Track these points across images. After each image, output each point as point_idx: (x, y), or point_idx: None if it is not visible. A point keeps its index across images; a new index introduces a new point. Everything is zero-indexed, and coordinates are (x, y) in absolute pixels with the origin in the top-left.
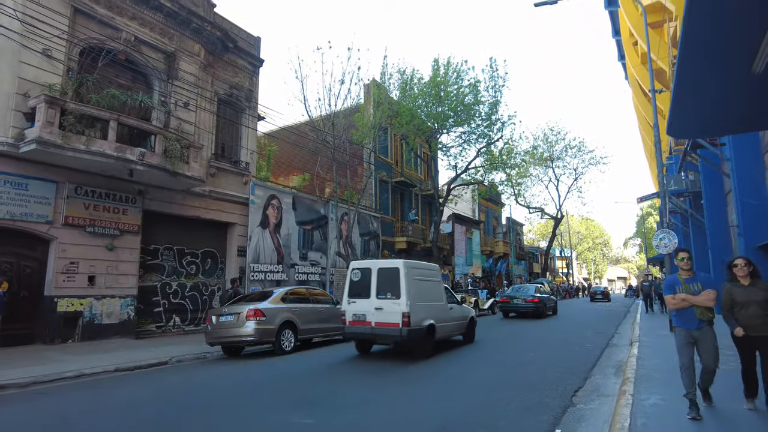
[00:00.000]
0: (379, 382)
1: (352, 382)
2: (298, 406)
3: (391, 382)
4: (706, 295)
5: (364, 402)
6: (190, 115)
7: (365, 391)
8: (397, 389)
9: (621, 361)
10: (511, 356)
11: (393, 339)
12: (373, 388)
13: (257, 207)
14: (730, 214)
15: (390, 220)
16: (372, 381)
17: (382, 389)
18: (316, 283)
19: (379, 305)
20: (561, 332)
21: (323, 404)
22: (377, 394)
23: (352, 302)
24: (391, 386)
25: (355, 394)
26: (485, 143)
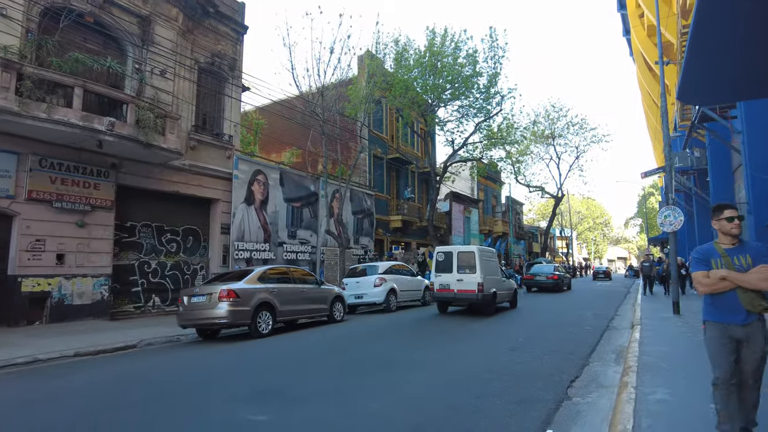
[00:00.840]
0: (357, 371)
1: (316, 372)
2: (253, 399)
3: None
4: (760, 272)
5: (323, 394)
6: (167, 84)
7: (333, 382)
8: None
9: (622, 346)
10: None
11: (470, 301)
12: (353, 374)
13: (241, 182)
14: (738, 192)
15: (385, 198)
16: (348, 369)
17: (362, 378)
18: (306, 262)
19: (460, 278)
20: (562, 310)
21: (278, 397)
22: (350, 382)
23: (438, 276)
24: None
25: (317, 386)
26: (483, 117)
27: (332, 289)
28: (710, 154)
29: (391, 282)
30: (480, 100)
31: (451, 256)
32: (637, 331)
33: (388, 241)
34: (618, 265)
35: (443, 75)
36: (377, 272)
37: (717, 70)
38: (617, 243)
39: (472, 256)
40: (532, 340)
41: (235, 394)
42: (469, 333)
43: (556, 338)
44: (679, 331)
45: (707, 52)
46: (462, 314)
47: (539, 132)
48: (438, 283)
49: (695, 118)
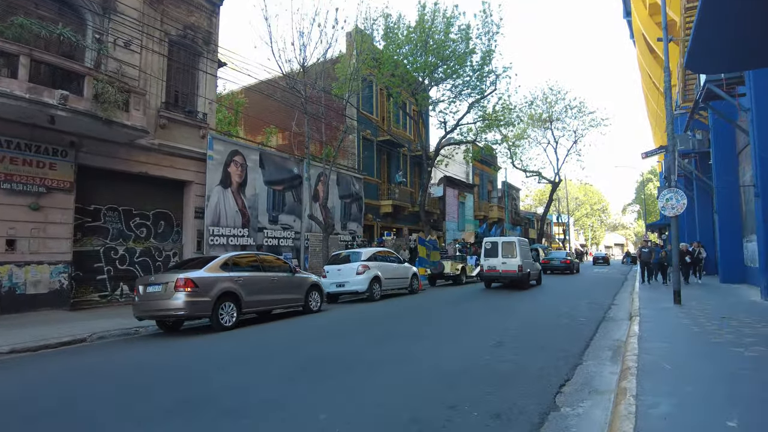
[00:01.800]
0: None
1: (268, 375)
2: (177, 411)
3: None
4: None
5: (266, 403)
6: (133, 58)
7: (283, 386)
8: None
9: (619, 340)
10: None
11: (511, 278)
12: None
13: (217, 163)
14: (743, 175)
15: (375, 181)
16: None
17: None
18: (289, 248)
19: (504, 261)
20: (554, 300)
21: (211, 406)
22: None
23: (486, 260)
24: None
25: (263, 392)
26: (477, 97)
27: (307, 278)
28: (713, 136)
29: (374, 269)
30: (473, 79)
31: (497, 245)
32: (635, 323)
33: (378, 227)
34: (615, 252)
35: (435, 52)
36: (360, 259)
37: (729, 33)
38: (615, 229)
39: (513, 244)
40: (522, 332)
41: (159, 404)
42: (455, 324)
43: (548, 331)
44: (682, 323)
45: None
46: (451, 302)
47: (537, 115)
48: (486, 265)
49: (699, 96)
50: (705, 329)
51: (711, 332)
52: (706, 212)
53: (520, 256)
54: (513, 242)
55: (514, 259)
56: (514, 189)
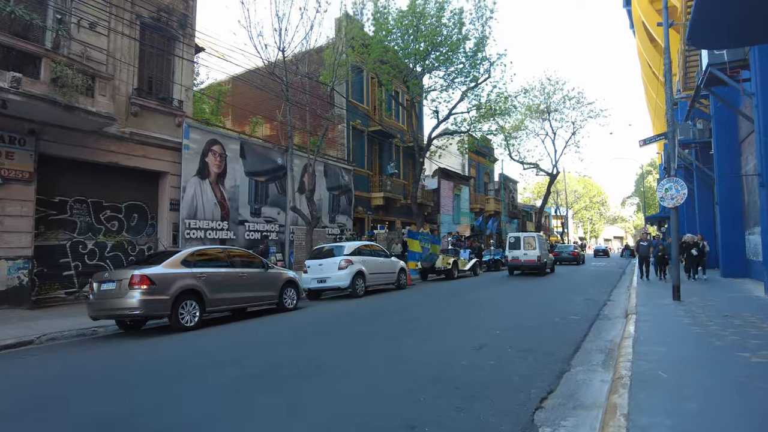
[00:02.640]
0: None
1: (210, 386)
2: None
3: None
4: None
5: (190, 426)
6: (99, 40)
7: (220, 401)
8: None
9: (613, 341)
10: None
11: (532, 267)
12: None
13: (193, 153)
14: (745, 165)
15: (365, 173)
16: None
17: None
18: (273, 242)
19: (526, 252)
20: (547, 294)
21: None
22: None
23: (511, 251)
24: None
25: (195, 409)
26: (471, 84)
27: (282, 273)
28: (715, 124)
29: (358, 264)
30: (467, 66)
31: (520, 239)
32: (631, 322)
33: (369, 220)
34: (614, 245)
35: (426, 37)
36: (343, 253)
37: (734, 5)
38: (614, 222)
39: (534, 239)
40: (508, 332)
41: (53, 427)
42: (438, 323)
43: (537, 331)
44: (682, 322)
45: None
46: (439, 298)
47: (534, 106)
48: (511, 256)
49: (701, 82)
50: (707, 329)
51: (713, 333)
52: (706, 204)
53: (539, 248)
54: (533, 237)
55: (534, 251)
56: (512, 181)
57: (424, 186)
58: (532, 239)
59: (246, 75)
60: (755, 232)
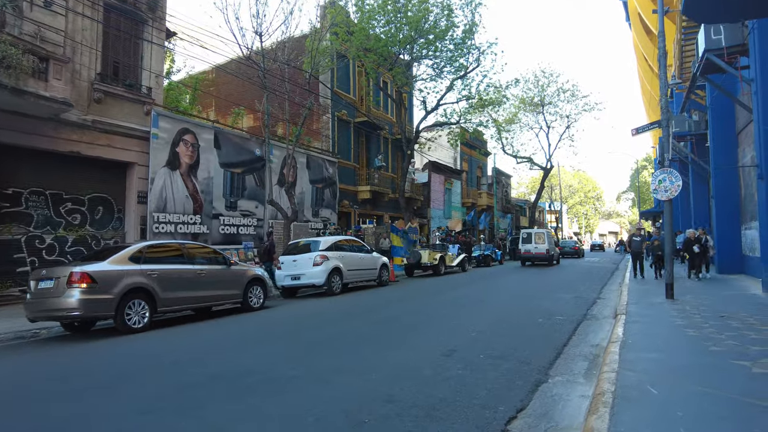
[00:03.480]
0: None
1: (125, 402)
2: None
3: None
4: None
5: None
6: (56, 21)
7: (135, 418)
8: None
9: (599, 345)
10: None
11: (542, 258)
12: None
13: (163, 143)
14: (742, 157)
15: (351, 166)
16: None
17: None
18: (251, 237)
19: (536, 246)
20: (535, 290)
21: None
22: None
23: (523, 245)
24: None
25: (102, 428)
26: (460, 73)
27: (247, 270)
28: (711, 115)
29: (334, 260)
30: (455, 55)
31: (531, 234)
32: (620, 324)
33: (356, 214)
34: (609, 240)
35: (411, 24)
36: (318, 249)
37: None
38: (609, 217)
39: (543, 234)
40: (485, 335)
41: None
42: (412, 324)
43: (517, 333)
44: (675, 323)
45: None
46: (420, 295)
47: (528, 99)
48: (523, 249)
49: (697, 69)
50: (702, 332)
51: (709, 337)
52: (702, 198)
53: (547, 243)
54: (543, 233)
55: (543, 244)
56: (505, 175)
57: (413, 179)
58: (542, 235)
59: (228, 65)
60: (752, 226)
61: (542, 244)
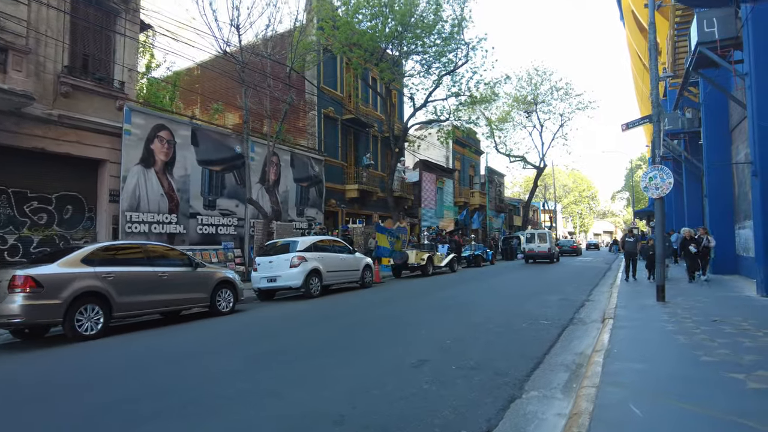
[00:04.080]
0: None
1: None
2: None
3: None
4: None
5: None
6: (18, 10)
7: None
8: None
9: (583, 353)
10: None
11: (544, 256)
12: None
13: (136, 139)
14: (736, 154)
15: (339, 164)
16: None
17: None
18: (231, 237)
19: (539, 245)
20: (522, 292)
21: None
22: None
23: (528, 244)
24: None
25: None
26: (448, 68)
27: (215, 272)
28: (704, 112)
29: (313, 261)
30: (443, 49)
31: (535, 235)
32: (607, 329)
33: (343, 214)
34: (604, 239)
35: (397, 17)
36: (296, 249)
37: None
38: (604, 217)
39: (545, 234)
40: (461, 342)
41: None
42: (387, 329)
43: (495, 340)
44: (665, 329)
45: None
46: (403, 297)
47: (521, 97)
48: (527, 248)
49: (689, 64)
50: (693, 339)
51: (700, 344)
52: (695, 197)
53: (549, 242)
54: (545, 234)
55: (545, 244)
56: (498, 174)
57: (403, 178)
58: (544, 235)
59: (212, 61)
60: (746, 225)
61: (544, 244)
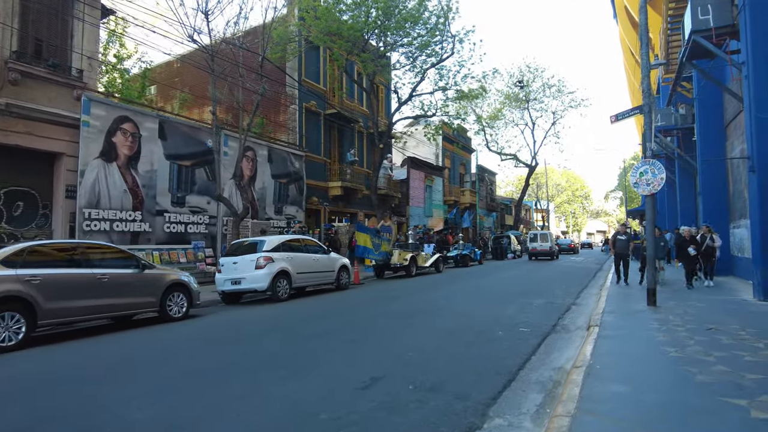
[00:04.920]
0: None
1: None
2: None
3: None
4: None
5: None
6: None
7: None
8: None
9: (562, 369)
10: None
11: (545, 254)
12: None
13: (95, 131)
14: (731, 150)
15: (321, 160)
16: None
17: None
18: (201, 236)
19: (541, 244)
20: (505, 293)
21: None
22: None
23: (531, 243)
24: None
25: None
26: (432, 59)
27: (165, 275)
28: (698, 107)
29: (281, 262)
30: (428, 40)
31: (537, 235)
32: (591, 339)
33: (326, 212)
34: (597, 239)
35: (379, 4)
36: (262, 249)
37: None
38: (597, 216)
39: (547, 235)
40: (425, 355)
41: None
42: (346, 339)
43: (464, 352)
44: (655, 340)
45: None
46: (377, 301)
47: (513, 95)
48: (531, 246)
49: (683, 55)
50: (686, 352)
51: (694, 359)
52: (688, 195)
53: (550, 242)
54: (546, 234)
55: (547, 243)
56: (490, 173)
57: (390, 176)
58: (546, 235)
59: (191, 55)
60: (741, 224)
61: (546, 243)
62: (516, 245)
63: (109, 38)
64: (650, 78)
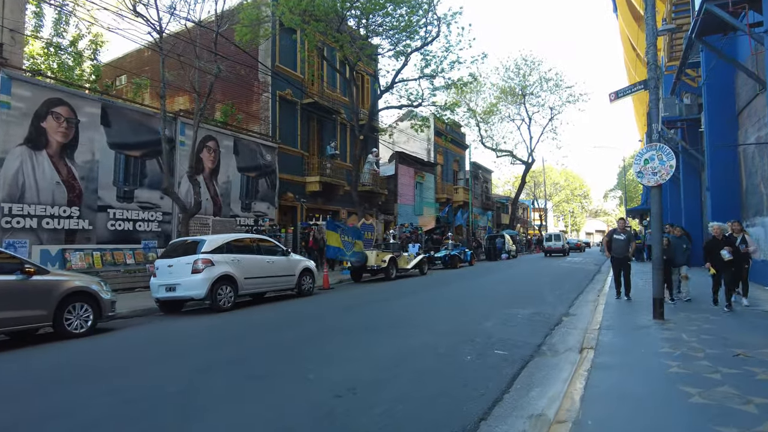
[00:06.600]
0: None
1: None
2: None
3: None
4: None
5: None
6: None
7: None
8: None
9: (540, 416)
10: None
11: (559, 251)
12: None
13: (19, 115)
14: (744, 139)
15: (298, 153)
16: None
17: None
18: (152, 234)
19: (555, 243)
20: (490, 299)
21: None
22: None
23: (547, 243)
24: None
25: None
26: (417, 44)
27: (64, 282)
28: (707, 94)
29: (223, 265)
30: (410, 19)
31: (552, 235)
32: (583, 370)
33: (304, 209)
34: (597, 239)
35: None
36: (200, 251)
37: None
38: (596, 215)
39: (560, 235)
40: (363, 393)
41: None
42: (244, 377)
43: (418, 389)
44: (667, 372)
45: None
46: (338, 311)
47: (509, 89)
48: (547, 245)
49: (693, 30)
50: (712, 395)
51: (727, 409)
52: (693, 192)
53: (562, 241)
54: (560, 234)
55: (560, 242)
56: (485, 170)
57: (376, 171)
58: (559, 236)
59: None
60: (756, 223)
61: (559, 242)
62: (511, 245)
63: (58, 18)
64: (657, 46)
